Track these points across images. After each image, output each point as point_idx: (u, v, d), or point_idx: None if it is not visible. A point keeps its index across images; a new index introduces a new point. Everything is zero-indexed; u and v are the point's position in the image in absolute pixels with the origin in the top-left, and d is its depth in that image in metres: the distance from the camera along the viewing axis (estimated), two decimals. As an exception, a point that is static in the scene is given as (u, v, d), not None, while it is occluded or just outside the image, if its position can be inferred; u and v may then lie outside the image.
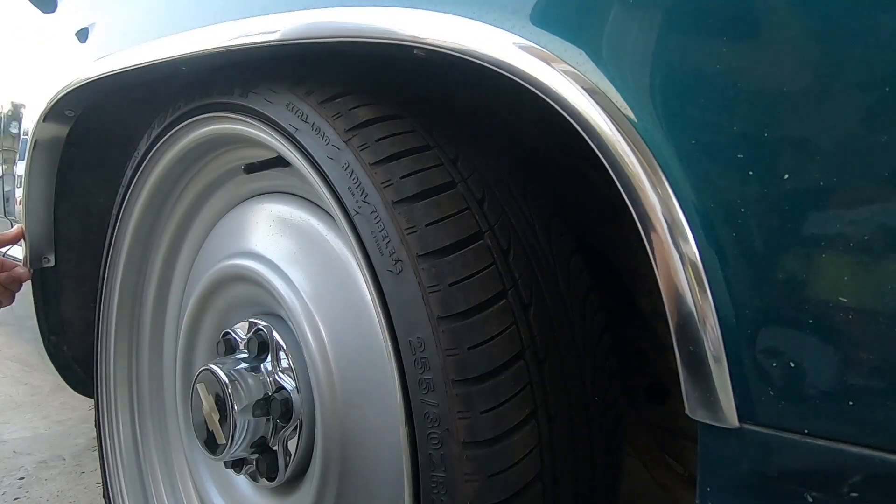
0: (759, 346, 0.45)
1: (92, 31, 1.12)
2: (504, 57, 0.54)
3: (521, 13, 0.53)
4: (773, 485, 0.46)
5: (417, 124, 0.72)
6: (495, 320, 0.63)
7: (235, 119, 0.86)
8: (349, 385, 0.80)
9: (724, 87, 0.44)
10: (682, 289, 0.47)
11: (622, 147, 0.48)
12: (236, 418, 0.85)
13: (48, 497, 1.68)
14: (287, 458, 0.88)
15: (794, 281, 0.43)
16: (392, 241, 0.65)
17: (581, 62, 0.50)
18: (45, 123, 1.18)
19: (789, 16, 0.43)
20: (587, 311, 0.74)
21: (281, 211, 0.93)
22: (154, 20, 0.98)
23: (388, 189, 0.66)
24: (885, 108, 0.40)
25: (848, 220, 0.41)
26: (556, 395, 0.66)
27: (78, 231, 1.32)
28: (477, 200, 0.68)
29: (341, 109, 0.72)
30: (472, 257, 0.64)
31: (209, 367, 0.89)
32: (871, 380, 0.41)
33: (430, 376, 0.63)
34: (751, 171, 0.44)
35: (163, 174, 1.06)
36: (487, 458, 0.62)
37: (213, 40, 0.80)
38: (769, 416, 0.45)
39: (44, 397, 2.35)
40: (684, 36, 0.46)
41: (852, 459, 0.42)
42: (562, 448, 0.67)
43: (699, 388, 0.47)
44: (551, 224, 0.74)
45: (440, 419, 0.62)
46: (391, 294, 0.66)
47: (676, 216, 0.46)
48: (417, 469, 0.65)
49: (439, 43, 0.58)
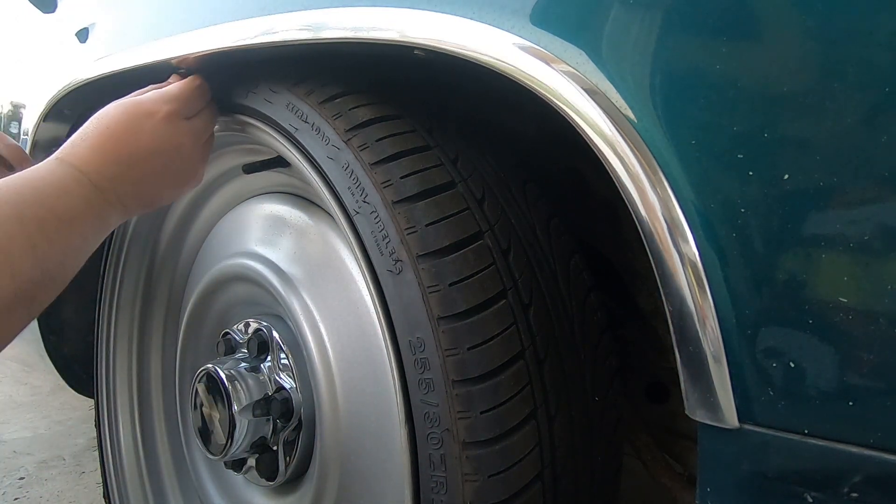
0: (759, 346, 0.45)
1: (92, 31, 1.12)
2: (504, 57, 0.54)
3: (520, 13, 0.53)
4: (773, 485, 0.46)
5: (417, 124, 0.72)
6: (495, 320, 0.63)
7: (235, 119, 0.86)
8: (349, 385, 0.80)
9: (724, 87, 0.44)
10: (681, 289, 0.47)
11: (622, 147, 0.48)
12: (236, 418, 0.85)
13: (48, 497, 1.69)
14: (287, 458, 0.88)
15: (793, 281, 0.43)
16: (392, 241, 0.65)
17: (581, 62, 0.50)
18: (45, 124, 1.18)
19: (789, 16, 0.43)
20: (587, 311, 0.74)
21: (281, 211, 0.93)
22: (154, 20, 0.98)
23: (388, 189, 0.66)
24: (885, 108, 0.40)
25: (848, 220, 0.41)
26: (556, 395, 0.66)
27: (78, 231, 1.32)
28: (477, 200, 0.68)
29: (341, 109, 0.72)
30: (472, 257, 0.64)
31: (209, 367, 0.89)
32: (871, 380, 0.41)
33: (430, 376, 0.63)
34: (751, 171, 0.44)
35: (163, 174, 1.06)
36: (487, 458, 0.62)
37: (213, 41, 0.80)
38: (769, 416, 0.45)
39: (44, 397, 2.35)
40: (684, 36, 0.46)
41: (852, 459, 0.42)
42: (562, 448, 0.67)
43: (699, 388, 0.47)
44: (551, 224, 0.74)
45: (440, 419, 0.62)
46: (391, 294, 0.66)
47: (676, 216, 0.46)
48: (417, 469, 0.65)
49: (439, 43, 0.58)
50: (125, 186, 0.70)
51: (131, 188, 0.70)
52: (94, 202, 0.66)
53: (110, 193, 0.68)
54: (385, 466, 0.76)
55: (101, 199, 0.67)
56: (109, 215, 0.69)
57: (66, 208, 0.63)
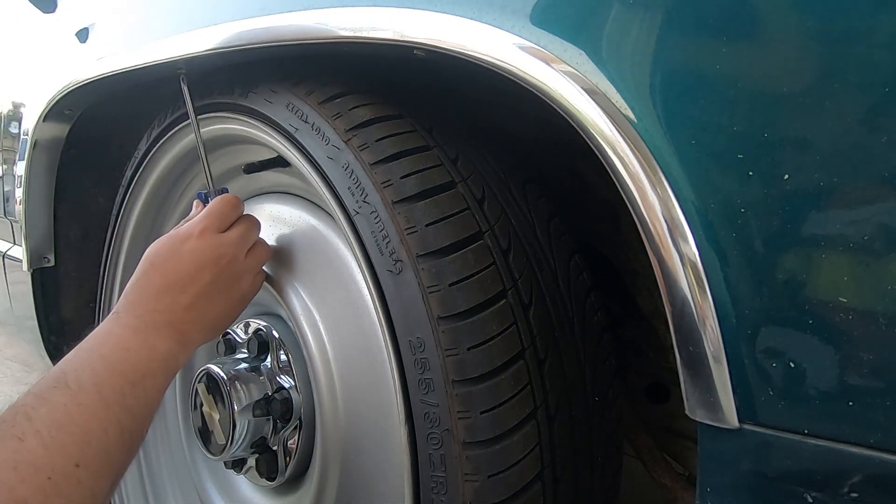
0: (759, 346, 0.45)
1: (92, 31, 1.12)
2: (504, 57, 0.54)
3: (520, 13, 0.53)
4: (773, 485, 0.46)
5: (417, 124, 0.72)
6: (495, 320, 0.63)
7: (235, 119, 0.86)
8: (349, 385, 0.80)
9: (724, 87, 0.44)
10: (681, 289, 0.47)
11: (622, 147, 0.48)
12: (236, 418, 0.85)
13: (48, 497, 1.68)
14: (287, 457, 0.88)
15: (793, 281, 0.43)
16: (392, 241, 0.65)
17: (581, 62, 0.50)
18: (44, 123, 1.18)
19: (789, 16, 0.43)
20: (587, 311, 0.74)
21: (281, 211, 0.93)
22: (154, 20, 0.98)
23: (388, 189, 0.66)
24: (885, 108, 0.40)
25: (848, 220, 0.41)
26: (556, 395, 0.66)
27: (78, 231, 1.32)
28: (477, 200, 0.68)
29: (341, 109, 0.72)
30: (472, 257, 0.64)
31: (209, 367, 0.89)
32: (871, 380, 0.41)
33: (430, 376, 0.63)
34: (751, 172, 0.44)
35: (163, 174, 1.06)
36: (487, 458, 0.62)
37: (213, 41, 0.80)
38: (769, 416, 0.45)
39: (44, 397, 2.34)
40: (684, 36, 0.46)
41: (852, 459, 0.42)
42: (562, 448, 0.67)
43: (699, 388, 0.47)
44: (551, 224, 0.74)
45: (440, 419, 0.62)
46: (391, 294, 0.66)
47: (676, 216, 0.46)
48: (417, 469, 0.65)
49: (439, 43, 0.58)
50: (179, 314, 0.69)
51: (185, 315, 0.70)
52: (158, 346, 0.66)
53: (167, 328, 0.68)
54: (385, 466, 0.76)
55: (161, 336, 0.67)
56: (176, 354, 0.69)
57: (133, 368, 0.63)
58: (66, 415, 0.56)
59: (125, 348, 0.64)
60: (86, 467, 0.55)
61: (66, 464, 0.54)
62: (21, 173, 1.25)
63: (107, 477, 0.58)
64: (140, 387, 0.63)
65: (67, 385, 0.58)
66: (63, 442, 0.54)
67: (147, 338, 0.66)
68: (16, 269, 1.39)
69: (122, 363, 0.63)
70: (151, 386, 0.64)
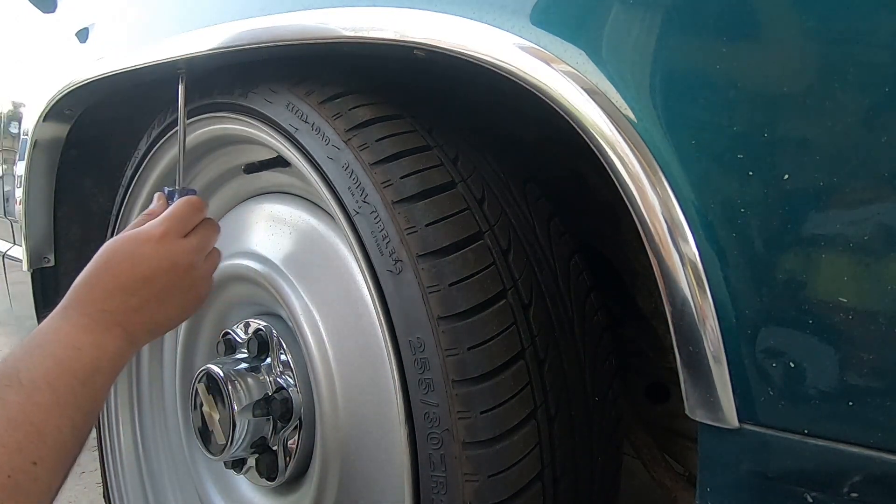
0: (759, 346, 0.45)
1: (92, 31, 1.12)
2: (504, 57, 0.54)
3: (520, 13, 0.53)
4: (773, 485, 0.46)
5: (417, 124, 0.72)
6: (495, 320, 0.63)
7: (235, 119, 0.86)
8: (349, 385, 0.80)
9: (724, 87, 0.44)
10: (681, 289, 0.47)
11: (622, 147, 0.48)
12: (236, 418, 0.85)
13: (48, 497, 1.68)
14: (287, 457, 0.88)
15: (793, 281, 0.43)
16: (392, 241, 0.65)
17: (581, 62, 0.50)
18: (44, 123, 1.18)
19: (789, 16, 0.43)
20: (587, 311, 0.74)
21: (281, 211, 0.93)
22: (154, 20, 0.98)
23: (388, 189, 0.66)
24: (885, 108, 0.40)
25: (848, 220, 0.41)
26: (556, 395, 0.66)
27: (78, 231, 1.32)
28: (477, 200, 0.68)
29: (341, 109, 0.72)
30: (472, 257, 0.64)
31: (209, 367, 0.89)
32: (871, 380, 0.41)
33: (430, 376, 0.63)
34: (751, 172, 0.44)
35: (163, 174, 1.06)
36: (487, 458, 0.62)
37: (213, 41, 0.80)
38: (769, 416, 0.45)
39: (44, 397, 2.34)
40: (684, 36, 0.46)
41: (852, 459, 0.42)
42: (562, 448, 0.67)
43: (699, 388, 0.47)
44: (551, 224, 0.74)
45: (440, 419, 0.62)
46: (391, 294, 0.66)
47: (676, 216, 0.46)
48: (417, 469, 0.65)
49: (439, 43, 0.58)
50: (128, 315, 0.70)
51: (135, 316, 0.70)
52: (107, 345, 0.67)
53: (117, 328, 0.69)
54: (385, 466, 0.76)
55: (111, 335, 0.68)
56: (124, 352, 0.70)
57: (83, 367, 0.64)
58: (22, 413, 0.57)
59: (76, 347, 0.65)
60: (42, 464, 0.56)
61: (24, 462, 0.54)
62: (21, 173, 1.26)
63: (61, 472, 0.59)
64: (90, 385, 0.64)
65: (21, 384, 0.59)
66: (20, 440, 0.55)
67: (97, 337, 0.67)
68: (16, 269, 1.39)
69: (74, 361, 0.64)
70: (100, 383, 0.65)
